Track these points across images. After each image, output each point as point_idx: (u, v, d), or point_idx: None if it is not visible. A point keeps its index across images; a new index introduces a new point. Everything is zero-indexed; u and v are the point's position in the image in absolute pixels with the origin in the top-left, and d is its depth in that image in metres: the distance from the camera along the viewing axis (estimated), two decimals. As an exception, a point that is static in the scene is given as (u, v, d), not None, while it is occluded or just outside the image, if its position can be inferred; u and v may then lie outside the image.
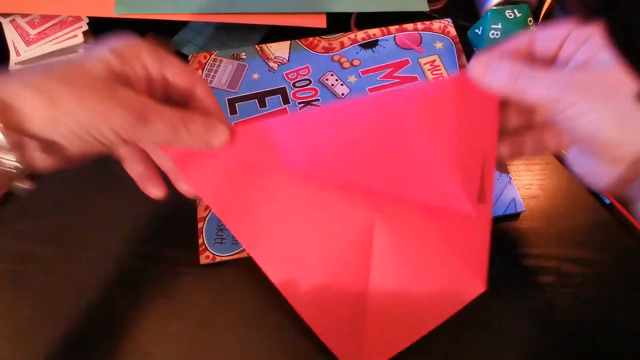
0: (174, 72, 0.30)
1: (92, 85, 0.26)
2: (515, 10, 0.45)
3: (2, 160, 0.26)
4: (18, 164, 0.26)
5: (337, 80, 0.48)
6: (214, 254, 0.39)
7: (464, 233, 0.33)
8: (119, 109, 0.27)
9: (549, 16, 0.48)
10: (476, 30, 0.47)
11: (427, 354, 0.36)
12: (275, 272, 0.35)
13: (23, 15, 0.50)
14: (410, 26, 0.51)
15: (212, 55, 0.50)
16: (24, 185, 0.28)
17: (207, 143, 0.30)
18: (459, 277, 0.33)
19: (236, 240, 0.40)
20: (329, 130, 0.31)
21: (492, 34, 0.45)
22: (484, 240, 0.32)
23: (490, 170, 0.32)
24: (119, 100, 0.27)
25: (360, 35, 0.51)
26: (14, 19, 0.50)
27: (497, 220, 0.40)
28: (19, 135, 0.26)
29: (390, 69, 0.48)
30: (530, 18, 0.45)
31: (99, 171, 0.44)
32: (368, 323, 0.34)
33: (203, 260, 0.39)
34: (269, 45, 0.51)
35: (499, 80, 0.29)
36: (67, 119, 0.26)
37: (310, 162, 0.33)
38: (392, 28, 0.51)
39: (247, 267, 0.39)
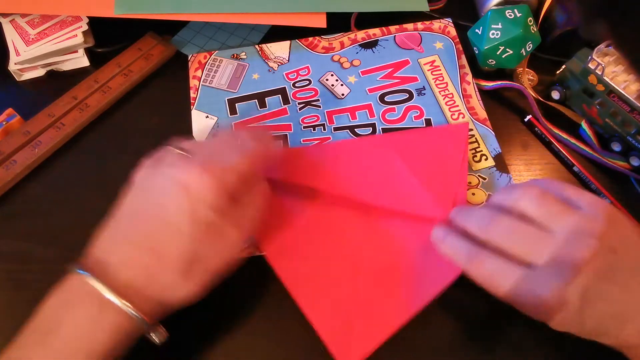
0: None
1: None
2: (515, 10, 0.45)
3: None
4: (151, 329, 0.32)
5: (337, 80, 0.48)
6: (214, 254, 0.39)
7: None
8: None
9: (549, 16, 0.48)
10: (476, 30, 0.47)
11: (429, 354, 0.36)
12: (281, 265, 0.39)
13: (23, 15, 0.50)
14: (410, 26, 0.51)
15: (212, 55, 0.50)
16: (159, 335, 0.32)
17: None
18: (436, 266, 0.37)
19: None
20: (339, 157, 0.42)
21: (492, 34, 0.45)
22: None
23: (463, 196, 0.41)
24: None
25: (360, 35, 0.51)
26: (13, 19, 0.50)
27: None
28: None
29: (390, 69, 0.48)
30: (530, 18, 0.45)
31: (99, 171, 0.44)
32: (357, 313, 0.36)
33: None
34: (269, 45, 0.51)
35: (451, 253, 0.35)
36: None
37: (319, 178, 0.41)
38: (392, 28, 0.51)
39: (247, 267, 0.39)
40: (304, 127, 0.45)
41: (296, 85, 0.48)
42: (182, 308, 0.32)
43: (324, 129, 0.45)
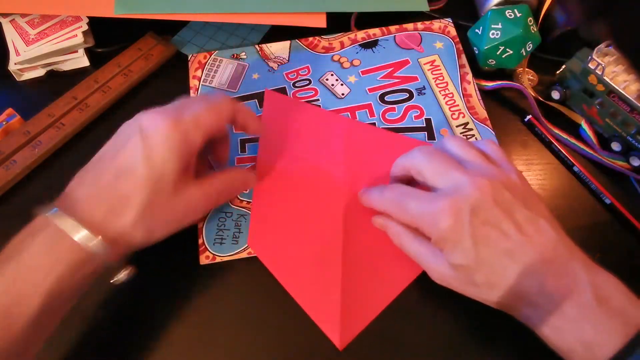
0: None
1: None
2: (515, 10, 0.45)
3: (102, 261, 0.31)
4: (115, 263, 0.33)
5: (337, 80, 0.48)
6: (214, 254, 0.39)
7: None
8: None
9: (549, 16, 0.48)
10: (476, 30, 0.47)
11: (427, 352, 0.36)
12: (265, 254, 0.39)
13: (23, 15, 0.50)
14: (410, 26, 0.51)
15: (212, 55, 0.50)
16: (122, 276, 0.34)
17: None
18: None
19: (236, 241, 0.40)
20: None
21: (492, 34, 0.45)
22: None
23: None
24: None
25: (360, 35, 0.51)
26: (13, 19, 0.50)
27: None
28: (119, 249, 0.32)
29: (390, 69, 0.48)
30: (530, 18, 0.45)
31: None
32: (343, 292, 0.37)
33: (203, 260, 0.39)
34: (269, 45, 0.51)
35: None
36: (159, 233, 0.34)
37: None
38: (392, 28, 0.51)
39: (247, 267, 0.39)
40: (304, 127, 0.46)
41: (296, 85, 0.48)
42: (142, 248, 0.33)
43: (324, 129, 0.45)
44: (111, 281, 0.34)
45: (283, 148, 0.43)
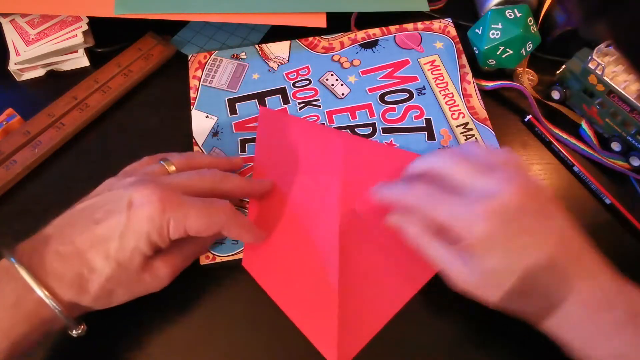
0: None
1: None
2: (515, 10, 0.45)
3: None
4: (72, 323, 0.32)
5: (337, 80, 0.48)
6: (214, 254, 0.39)
7: None
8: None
9: (549, 16, 0.48)
10: (476, 30, 0.47)
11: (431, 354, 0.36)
12: (259, 272, 0.39)
13: (23, 15, 0.50)
14: (410, 26, 0.51)
15: (212, 55, 0.50)
16: (78, 330, 0.33)
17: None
18: (415, 262, 0.37)
19: (236, 241, 0.40)
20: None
21: (492, 34, 0.45)
22: None
23: None
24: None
25: (360, 35, 0.51)
26: (13, 19, 0.50)
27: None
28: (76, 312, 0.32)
29: (390, 69, 0.48)
30: (530, 18, 0.45)
31: (99, 171, 0.44)
32: (341, 311, 0.36)
33: (203, 260, 0.39)
34: (269, 45, 0.51)
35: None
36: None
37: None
38: (392, 28, 0.51)
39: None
40: (304, 127, 0.46)
41: (296, 85, 0.48)
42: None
43: (324, 129, 0.45)
44: (70, 333, 0.34)
45: (279, 166, 0.42)
